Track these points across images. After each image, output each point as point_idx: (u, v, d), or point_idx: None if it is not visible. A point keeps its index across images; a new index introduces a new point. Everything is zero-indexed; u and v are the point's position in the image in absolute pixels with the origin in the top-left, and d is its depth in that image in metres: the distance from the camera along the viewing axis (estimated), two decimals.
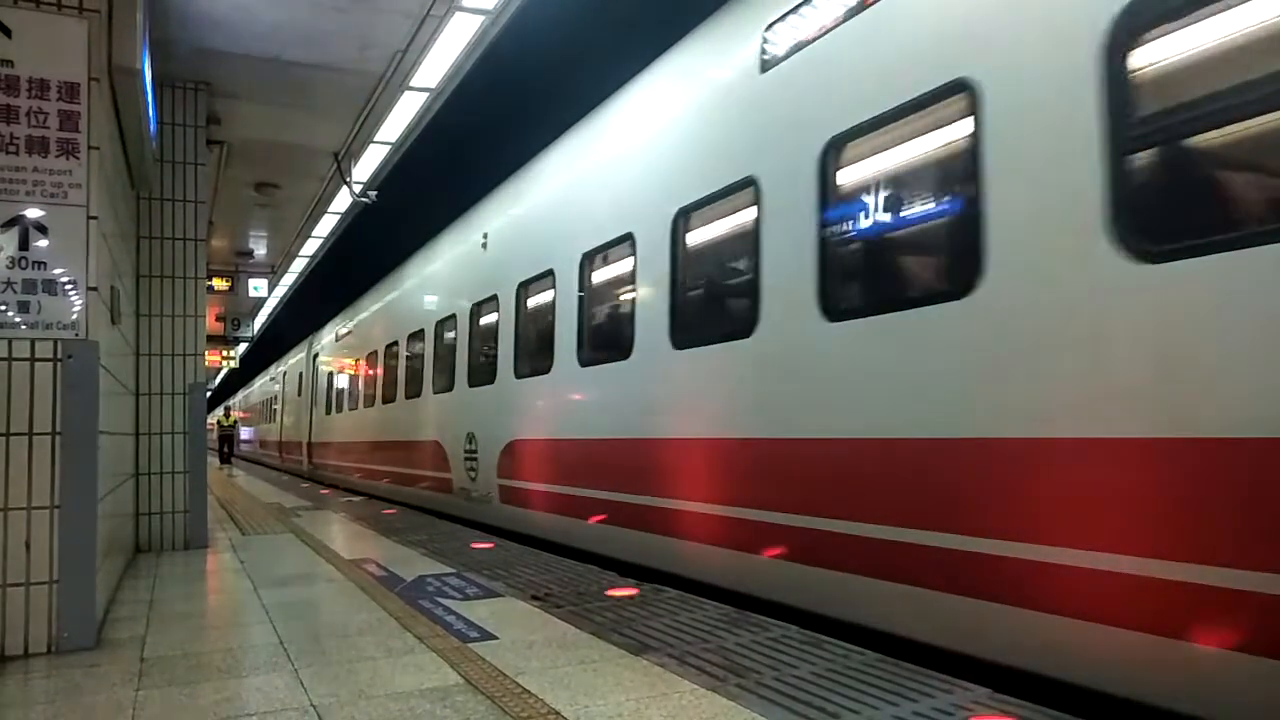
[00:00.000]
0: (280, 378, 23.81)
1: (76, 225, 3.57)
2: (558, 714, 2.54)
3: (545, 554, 5.88)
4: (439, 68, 6.34)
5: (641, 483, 5.36)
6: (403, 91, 6.76)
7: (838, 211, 4.00)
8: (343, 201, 9.95)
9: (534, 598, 4.30)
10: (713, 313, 5.11)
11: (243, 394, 37.92)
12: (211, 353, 18.27)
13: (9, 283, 3.46)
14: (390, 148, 8.15)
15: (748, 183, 4.56)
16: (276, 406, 24.19)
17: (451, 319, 9.35)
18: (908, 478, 3.50)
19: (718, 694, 2.69)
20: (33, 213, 3.51)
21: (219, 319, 16.08)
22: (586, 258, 6.35)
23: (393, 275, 12.80)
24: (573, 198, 6.85)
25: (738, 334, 4.56)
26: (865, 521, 3.66)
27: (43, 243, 3.52)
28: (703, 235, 5.19)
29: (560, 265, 6.74)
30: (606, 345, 6.09)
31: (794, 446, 4.15)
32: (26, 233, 3.49)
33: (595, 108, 6.74)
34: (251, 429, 32.54)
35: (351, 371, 14.54)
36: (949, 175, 3.56)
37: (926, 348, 3.44)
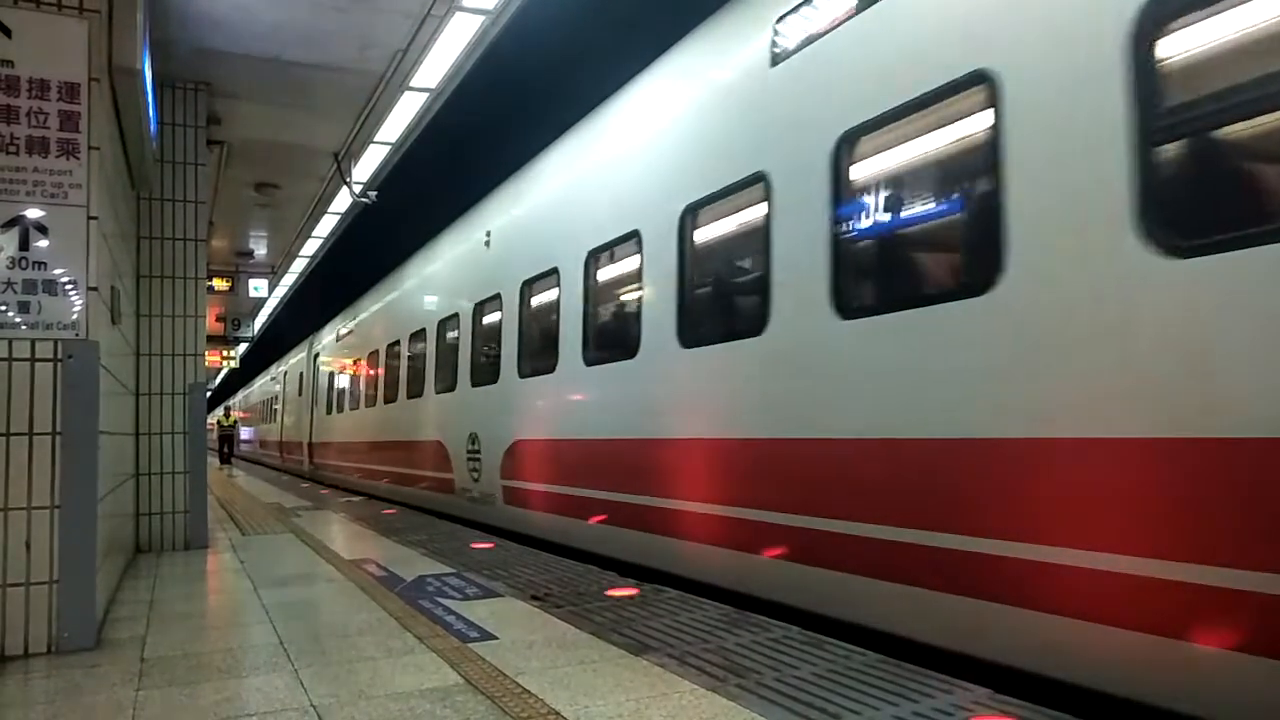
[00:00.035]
0: (281, 378, 23.80)
1: (77, 225, 3.57)
2: (558, 714, 2.54)
3: (545, 554, 5.88)
4: (439, 68, 6.33)
5: (653, 484, 5.28)
6: (403, 91, 6.76)
7: (851, 207, 3.94)
8: (343, 202, 9.95)
9: (534, 598, 4.29)
10: (722, 311, 5.07)
11: (243, 394, 37.92)
12: (211, 353, 18.26)
13: (9, 283, 3.46)
14: (390, 148, 8.14)
15: (758, 179, 4.50)
16: (277, 406, 24.18)
17: (454, 318, 9.31)
18: (925, 478, 3.43)
19: (718, 694, 2.69)
20: (33, 213, 3.51)
21: (219, 319, 16.08)
22: (592, 255, 6.30)
23: (394, 274, 12.76)
24: (577, 195, 6.80)
25: (748, 332, 4.51)
26: (892, 525, 3.56)
27: (43, 243, 3.51)
28: (711, 232, 5.15)
29: (565, 263, 6.69)
30: (612, 344, 6.05)
31: (812, 447, 4.06)
32: (27, 233, 3.49)
33: (600, 104, 6.68)
34: (252, 429, 32.54)
35: (353, 371, 14.52)
36: (967, 170, 3.51)
37: (944, 346, 3.38)
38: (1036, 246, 3.04)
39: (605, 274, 6.31)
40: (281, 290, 16.35)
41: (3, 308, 3.45)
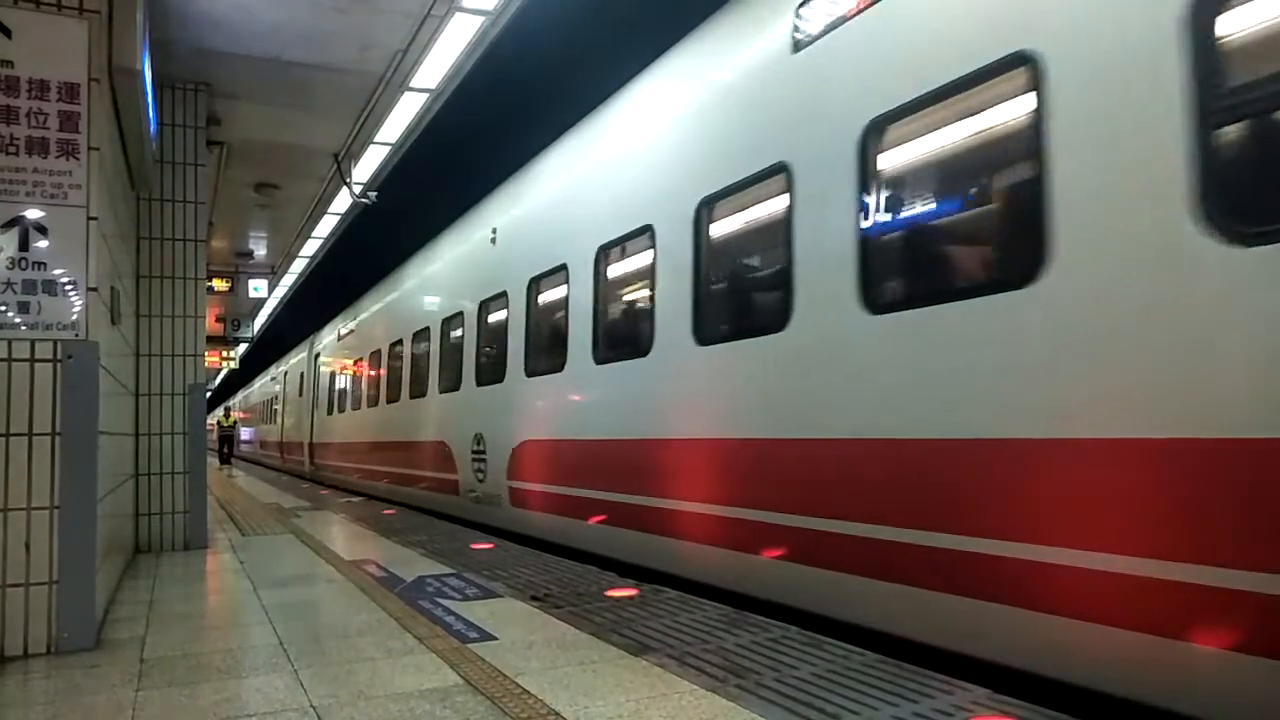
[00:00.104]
0: (281, 378, 23.78)
1: (76, 226, 3.57)
2: (557, 714, 2.54)
3: (545, 554, 5.87)
4: (439, 68, 6.33)
5: (670, 485, 5.16)
6: (403, 92, 6.76)
7: (879, 197, 3.79)
8: (343, 202, 9.95)
9: (533, 598, 4.29)
10: (741, 306, 4.95)
11: (243, 394, 37.90)
12: (211, 353, 18.28)
13: (9, 283, 3.47)
14: (390, 148, 8.14)
15: (779, 169, 4.36)
16: (277, 407, 24.16)
17: (458, 316, 9.22)
18: (976, 481, 3.24)
19: (718, 694, 2.69)
20: (33, 213, 3.51)
21: (219, 319, 16.10)
22: (602, 251, 6.19)
23: (396, 273, 12.69)
24: (587, 190, 6.66)
25: (769, 328, 4.36)
26: (927, 529, 3.41)
27: (43, 243, 3.52)
28: (729, 226, 5.00)
29: (574, 260, 6.57)
30: (623, 341, 5.93)
31: (840, 447, 3.91)
32: (26, 233, 3.50)
33: (610, 97, 6.54)
34: (252, 429, 32.52)
35: (354, 371, 14.46)
36: (1007, 157, 3.36)
37: (984, 342, 3.21)
38: (1084, 236, 2.88)
39: (616, 270, 6.18)
40: (281, 291, 16.34)
41: (2, 308, 3.45)
